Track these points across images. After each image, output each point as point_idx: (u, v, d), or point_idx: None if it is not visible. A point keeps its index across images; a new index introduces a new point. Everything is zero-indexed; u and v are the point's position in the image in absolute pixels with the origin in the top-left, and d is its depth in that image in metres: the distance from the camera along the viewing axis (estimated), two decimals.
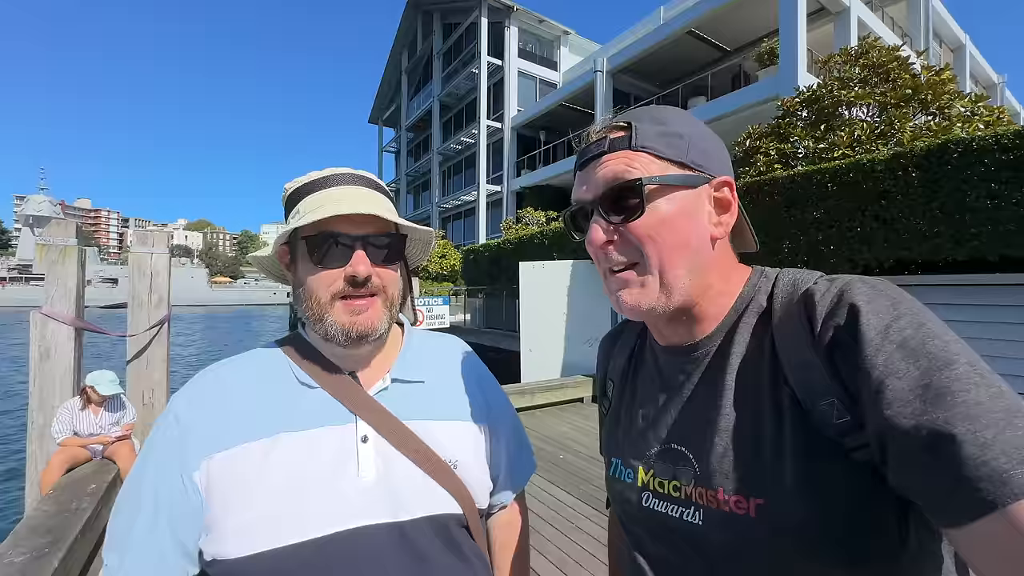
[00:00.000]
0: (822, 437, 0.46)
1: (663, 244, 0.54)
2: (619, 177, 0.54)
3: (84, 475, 3.19)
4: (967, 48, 18.31)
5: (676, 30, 13.66)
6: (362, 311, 0.66)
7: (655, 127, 0.56)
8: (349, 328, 0.65)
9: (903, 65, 6.51)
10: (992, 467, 0.35)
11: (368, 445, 0.65)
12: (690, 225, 0.55)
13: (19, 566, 2.03)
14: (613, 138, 0.56)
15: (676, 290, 0.54)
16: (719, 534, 0.51)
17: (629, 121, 0.57)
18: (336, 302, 0.66)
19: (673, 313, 0.56)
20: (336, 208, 0.63)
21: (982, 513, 0.35)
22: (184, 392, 0.67)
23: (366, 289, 0.66)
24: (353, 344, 0.67)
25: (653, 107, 0.60)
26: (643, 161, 0.55)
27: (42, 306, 3.44)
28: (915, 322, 0.42)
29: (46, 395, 3.45)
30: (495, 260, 12.10)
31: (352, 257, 0.65)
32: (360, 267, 0.65)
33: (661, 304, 0.55)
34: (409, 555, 0.62)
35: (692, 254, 0.55)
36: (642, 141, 0.55)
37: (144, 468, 0.63)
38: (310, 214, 0.64)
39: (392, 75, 32.63)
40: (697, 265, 0.55)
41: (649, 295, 0.54)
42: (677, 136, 0.56)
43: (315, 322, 0.66)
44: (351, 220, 0.65)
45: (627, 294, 0.55)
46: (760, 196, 5.52)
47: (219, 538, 0.59)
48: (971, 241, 4.08)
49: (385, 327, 0.69)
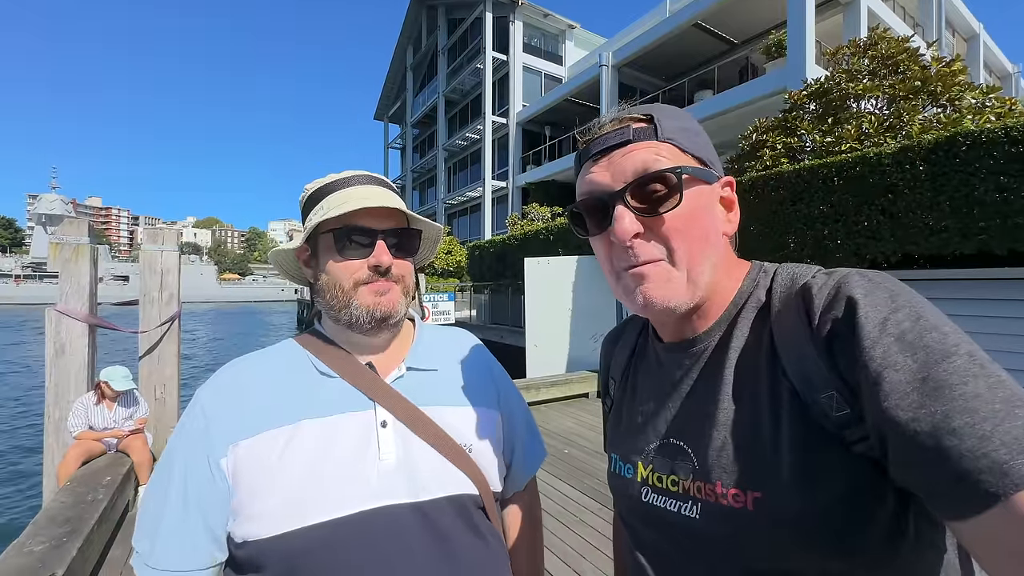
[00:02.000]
0: (821, 430, 0.46)
1: (691, 237, 0.53)
2: (650, 166, 0.52)
3: (99, 467, 3.28)
4: (981, 37, 17.94)
5: (682, 23, 13.52)
6: (385, 292, 0.71)
7: (675, 121, 0.56)
8: (374, 308, 0.70)
9: (913, 56, 6.42)
10: (992, 459, 0.34)
11: (388, 430, 0.68)
12: (710, 220, 0.55)
13: (39, 554, 2.09)
14: (636, 128, 0.54)
15: (700, 285, 0.54)
16: (717, 528, 0.51)
17: (649, 113, 0.55)
18: (360, 287, 0.70)
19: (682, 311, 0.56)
20: (363, 202, 0.69)
21: (984, 506, 0.35)
22: (209, 384, 0.70)
23: (387, 277, 0.71)
24: (376, 327, 0.71)
25: (661, 104, 0.59)
26: (671, 152, 0.54)
27: (57, 303, 3.51)
28: (913, 314, 0.42)
29: (61, 390, 3.52)
30: (500, 256, 12.13)
31: (376, 247, 0.70)
32: (384, 256, 0.70)
33: (687, 300, 0.54)
34: (431, 533, 0.65)
35: (712, 249, 0.55)
36: (667, 133, 0.54)
37: (172, 457, 0.65)
38: (336, 208, 0.68)
39: (397, 71, 32.62)
40: (715, 260, 0.55)
41: (677, 290, 0.53)
42: (694, 132, 0.57)
43: (340, 309, 0.70)
44: (373, 215, 0.71)
45: (652, 290, 0.53)
46: (766, 190, 5.48)
47: (246, 521, 0.61)
48: (979, 235, 4.04)
49: (403, 312, 0.74)
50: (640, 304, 0.54)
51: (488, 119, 21.68)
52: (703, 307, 0.57)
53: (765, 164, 6.53)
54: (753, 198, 5.54)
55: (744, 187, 5.56)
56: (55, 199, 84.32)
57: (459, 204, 25.03)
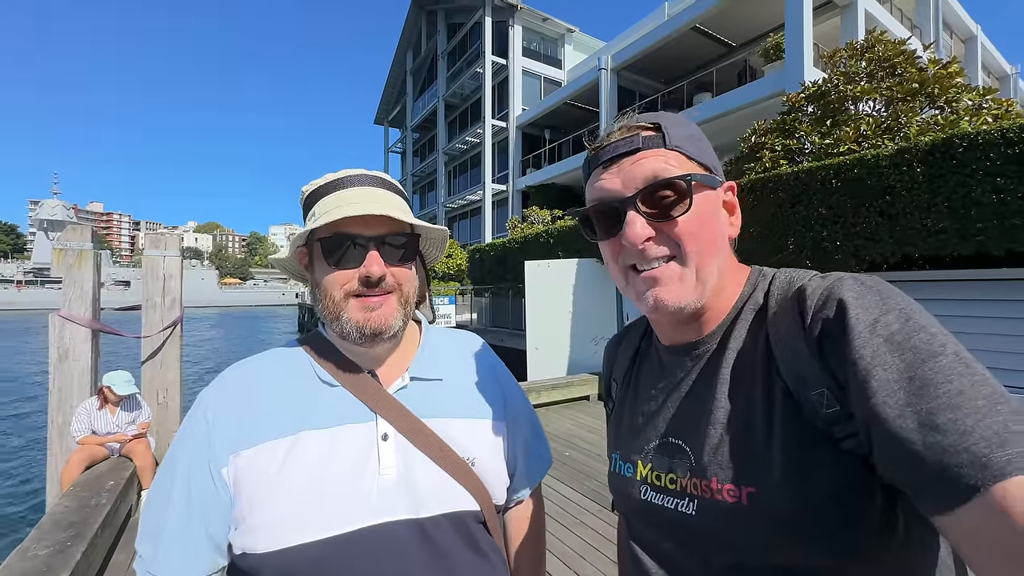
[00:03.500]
0: (813, 427, 0.47)
1: (701, 240, 0.55)
2: (660, 174, 0.55)
3: (102, 472, 3.29)
4: (979, 39, 17.99)
5: (680, 26, 13.57)
6: (376, 308, 0.67)
7: (681, 129, 0.58)
8: (363, 325, 0.66)
9: (910, 59, 6.44)
10: (972, 452, 0.36)
11: (388, 443, 0.66)
12: (716, 224, 0.58)
13: (43, 559, 2.10)
14: (645, 136, 0.57)
15: (707, 286, 0.56)
16: (712, 523, 0.52)
17: (657, 122, 0.58)
18: (350, 300, 0.67)
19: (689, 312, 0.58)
20: (348, 210, 0.64)
21: (965, 498, 0.36)
22: (211, 389, 0.69)
23: (380, 288, 0.67)
24: (368, 341, 0.67)
25: (665, 112, 0.61)
26: (679, 160, 0.56)
27: (60, 308, 3.54)
28: (902, 316, 0.44)
29: (65, 395, 3.55)
30: (501, 259, 12.14)
31: (366, 258, 0.66)
32: (373, 267, 0.66)
33: (696, 300, 0.56)
34: (429, 551, 0.63)
35: (719, 252, 0.57)
36: (675, 141, 0.56)
37: (175, 462, 0.65)
38: (323, 216, 0.65)
39: (397, 76, 32.73)
40: (721, 263, 0.58)
41: (687, 291, 0.55)
42: (699, 139, 0.59)
43: (332, 320, 0.67)
44: (365, 221, 0.66)
45: (663, 291, 0.55)
46: (764, 192, 5.50)
47: (246, 532, 0.61)
48: (977, 236, 4.04)
49: (400, 324, 0.70)
50: (651, 305, 0.56)
51: (488, 123, 21.74)
52: (705, 310, 0.59)
53: (764, 166, 6.55)
54: (752, 200, 5.55)
55: (743, 189, 5.58)
56: (57, 205, 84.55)
57: (459, 208, 25.07)
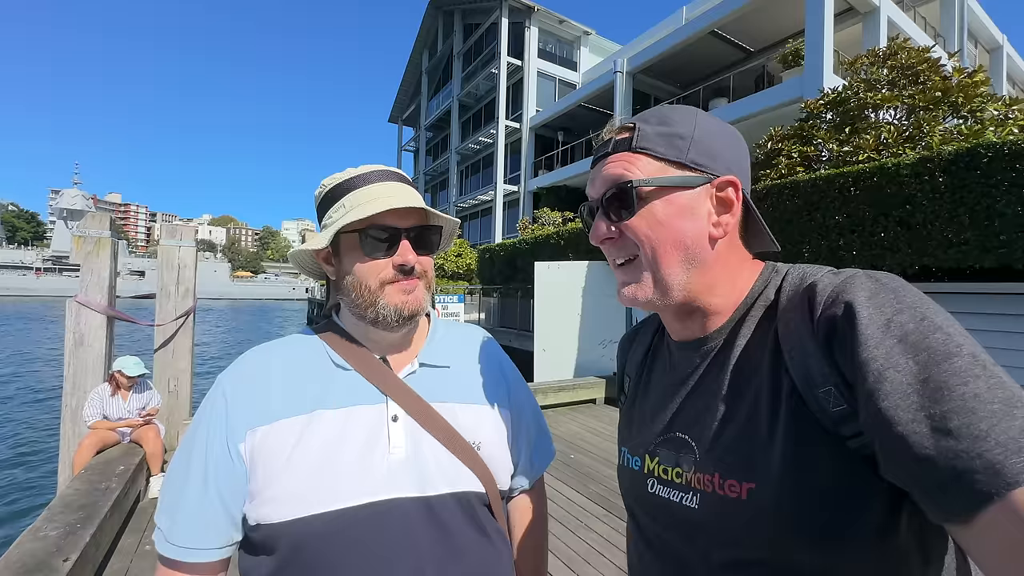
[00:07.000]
0: (818, 425, 0.46)
1: (657, 243, 0.56)
2: (618, 178, 0.57)
3: (113, 457, 3.34)
4: (1004, 49, 17.60)
5: (699, 30, 13.47)
6: (412, 290, 0.72)
7: (657, 128, 0.58)
8: (402, 307, 0.70)
9: (933, 67, 6.33)
10: (986, 459, 0.34)
11: (398, 424, 0.69)
12: (686, 225, 0.56)
13: (54, 539, 2.14)
14: (617, 139, 0.59)
15: (673, 287, 0.56)
16: (713, 516, 0.53)
17: (634, 123, 0.59)
18: (387, 286, 0.71)
19: (678, 308, 0.59)
20: (390, 203, 0.68)
21: (979, 506, 0.34)
22: (231, 370, 0.72)
23: (412, 275, 0.72)
24: (403, 323, 0.72)
25: (665, 107, 0.61)
26: (641, 163, 0.57)
27: (77, 295, 3.60)
28: (917, 315, 0.42)
29: (79, 380, 3.60)
30: (511, 260, 12.14)
31: (399, 247, 0.71)
32: (409, 256, 0.71)
33: (657, 298, 0.58)
34: (435, 527, 0.66)
35: (688, 253, 0.56)
36: (642, 143, 0.57)
37: (194, 439, 0.68)
38: (358, 209, 0.69)
39: (413, 75, 32.91)
40: (695, 263, 0.56)
41: (645, 290, 0.58)
42: (678, 137, 0.57)
43: (367, 307, 0.71)
44: (397, 213, 0.71)
45: (629, 288, 0.59)
46: (781, 199, 5.43)
47: (261, 504, 0.64)
48: (999, 249, 3.95)
49: (427, 307, 0.75)
50: (623, 297, 0.60)
51: (501, 123, 21.77)
52: (706, 307, 0.59)
53: (780, 173, 6.47)
54: (767, 207, 5.48)
55: (758, 196, 5.51)
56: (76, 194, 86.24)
57: (470, 207, 25.13)
